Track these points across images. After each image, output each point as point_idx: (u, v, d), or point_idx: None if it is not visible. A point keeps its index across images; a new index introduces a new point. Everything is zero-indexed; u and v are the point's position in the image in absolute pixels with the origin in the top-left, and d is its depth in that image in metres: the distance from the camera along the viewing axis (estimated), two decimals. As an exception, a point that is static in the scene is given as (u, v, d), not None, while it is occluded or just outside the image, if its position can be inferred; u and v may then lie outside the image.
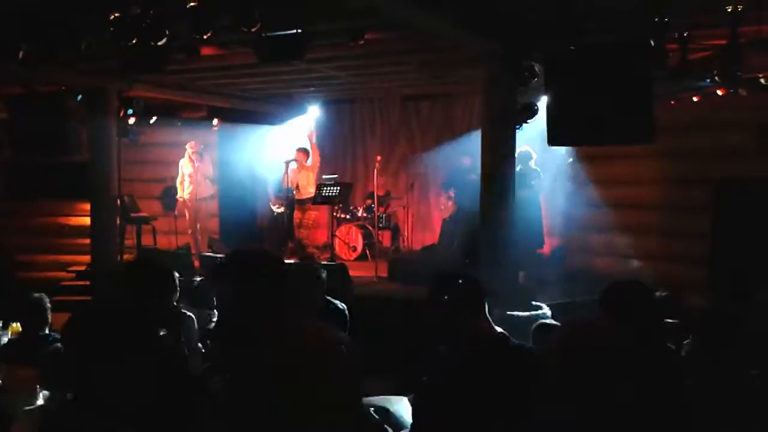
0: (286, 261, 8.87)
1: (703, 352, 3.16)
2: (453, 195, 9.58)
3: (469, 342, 2.39)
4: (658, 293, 3.97)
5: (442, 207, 9.99)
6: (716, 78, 6.07)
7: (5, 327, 5.02)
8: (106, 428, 1.76)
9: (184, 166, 10.17)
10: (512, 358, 2.42)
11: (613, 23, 5.71)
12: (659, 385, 2.58)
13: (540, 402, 2.13)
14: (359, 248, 10.26)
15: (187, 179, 10.13)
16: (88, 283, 8.90)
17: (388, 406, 3.38)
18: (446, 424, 2.28)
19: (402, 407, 3.41)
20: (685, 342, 3.58)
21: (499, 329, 2.55)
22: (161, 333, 3.11)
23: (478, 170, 7.55)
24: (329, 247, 9.82)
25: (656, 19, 5.43)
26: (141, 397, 1.83)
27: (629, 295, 2.77)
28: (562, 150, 8.68)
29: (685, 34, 5.84)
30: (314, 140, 10.55)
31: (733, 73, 5.91)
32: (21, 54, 5.92)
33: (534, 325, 4.10)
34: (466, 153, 9.35)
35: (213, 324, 5.34)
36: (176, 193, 10.27)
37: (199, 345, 5.42)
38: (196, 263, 8.84)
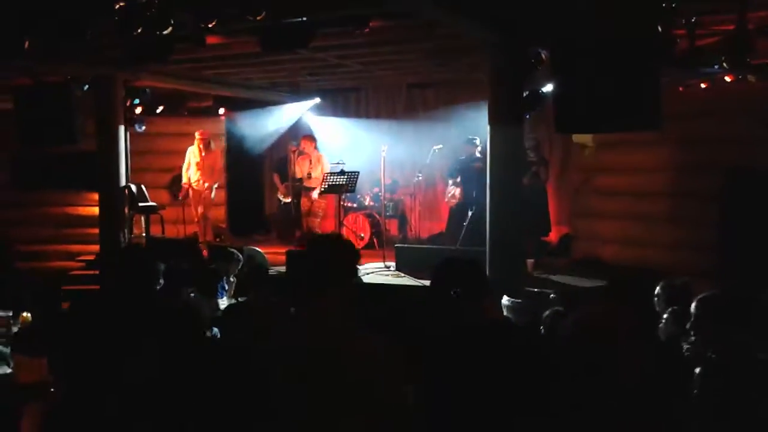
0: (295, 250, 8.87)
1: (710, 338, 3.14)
2: (459, 183, 9.56)
3: (473, 328, 2.40)
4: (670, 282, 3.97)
5: (449, 195, 9.98)
6: (725, 64, 6.02)
7: (15, 317, 5.06)
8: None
9: (192, 154, 10.17)
10: (516, 343, 2.42)
11: (621, 9, 5.66)
12: (666, 372, 2.59)
13: (547, 387, 2.13)
14: (366, 237, 10.27)
15: (193, 167, 10.14)
16: (97, 272, 8.95)
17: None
18: (450, 410, 2.28)
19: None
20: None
21: (504, 315, 2.56)
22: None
23: (484, 158, 7.53)
24: (336, 236, 9.84)
25: (663, 5, 5.39)
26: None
27: (638, 286, 2.77)
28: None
29: (692, 20, 5.79)
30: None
31: (741, 59, 5.86)
32: (26, 45, 5.93)
33: (547, 312, 4.10)
34: (472, 141, 9.32)
35: (220, 312, 5.36)
36: (181, 180, 10.28)
37: (209, 334, 5.47)
38: (204, 252, 8.87)
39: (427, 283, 2.59)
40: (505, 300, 5.86)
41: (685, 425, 2.71)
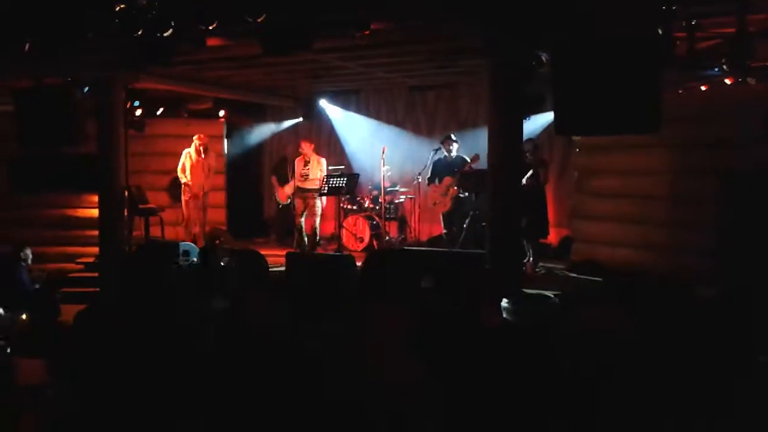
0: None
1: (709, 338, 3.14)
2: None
3: (478, 330, 2.40)
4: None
5: (432, 203, 9.97)
6: (724, 67, 6.03)
7: (13, 318, 5.06)
8: None
9: (188, 156, 10.14)
10: (523, 344, 2.42)
11: (621, 12, 5.67)
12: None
13: (557, 389, 2.13)
14: (366, 239, 10.27)
15: (188, 169, 10.12)
16: (96, 274, 8.94)
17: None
18: (457, 411, 2.28)
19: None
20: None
21: (505, 317, 2.56)
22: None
23: (465, 158, 7.48)
24: (336, 238, 9.84)
25: (663, 8, 5.40)
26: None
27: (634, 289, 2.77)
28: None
29: (692, 23, 5.80)
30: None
31: (741, 62, 5.87)
32: (27, 46, 5.94)
33: (546, 315, 4.09)
34: (449, 137, 9.41)
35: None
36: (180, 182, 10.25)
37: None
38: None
39: (428, 285, 2.57)
40: (504, 302, 5.86)
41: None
